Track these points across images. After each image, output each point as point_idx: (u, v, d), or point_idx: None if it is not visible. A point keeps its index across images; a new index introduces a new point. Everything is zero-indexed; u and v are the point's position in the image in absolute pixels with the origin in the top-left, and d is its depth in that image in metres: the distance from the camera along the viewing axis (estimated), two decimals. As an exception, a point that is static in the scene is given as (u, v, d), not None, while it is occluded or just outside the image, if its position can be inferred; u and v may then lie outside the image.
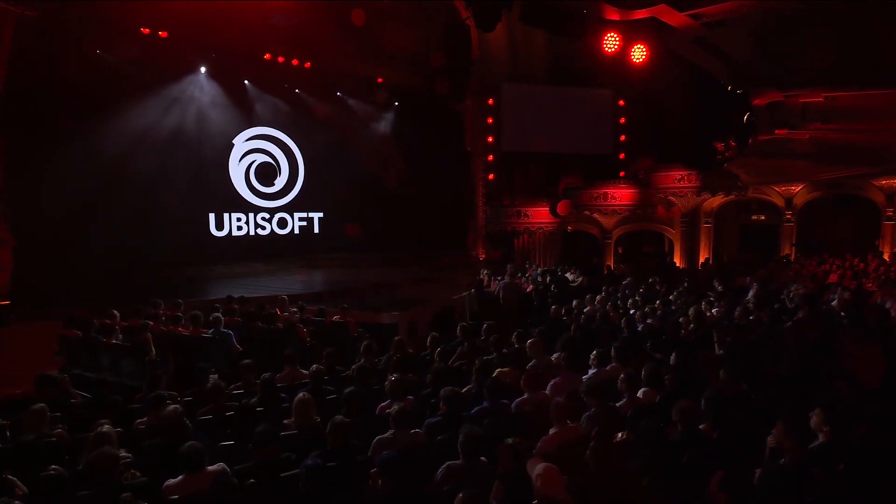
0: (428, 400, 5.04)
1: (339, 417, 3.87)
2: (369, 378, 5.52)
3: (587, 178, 17.52)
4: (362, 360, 6.45)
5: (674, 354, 5.14)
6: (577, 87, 17.75)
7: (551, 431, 3.86)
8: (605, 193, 16.85)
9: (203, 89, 15.16)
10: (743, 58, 11.82)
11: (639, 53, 12.58)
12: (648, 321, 7.86)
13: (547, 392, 4.94)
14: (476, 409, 4.54)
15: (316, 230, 17.97)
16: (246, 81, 16.26)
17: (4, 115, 11.53)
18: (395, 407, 4.10)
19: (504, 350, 6.50)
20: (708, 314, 8.04)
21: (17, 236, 11.89)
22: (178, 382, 7.15)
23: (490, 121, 17.97)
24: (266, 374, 5.28)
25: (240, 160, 16.42)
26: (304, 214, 17.79)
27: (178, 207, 14.87)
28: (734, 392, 4.34)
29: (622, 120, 18.08)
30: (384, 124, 19.20)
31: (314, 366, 5.53)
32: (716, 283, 9.98)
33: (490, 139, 17.99)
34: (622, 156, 18.17)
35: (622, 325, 7.55)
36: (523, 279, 14.98)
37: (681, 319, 7.28)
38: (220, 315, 8.02)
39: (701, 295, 9.81)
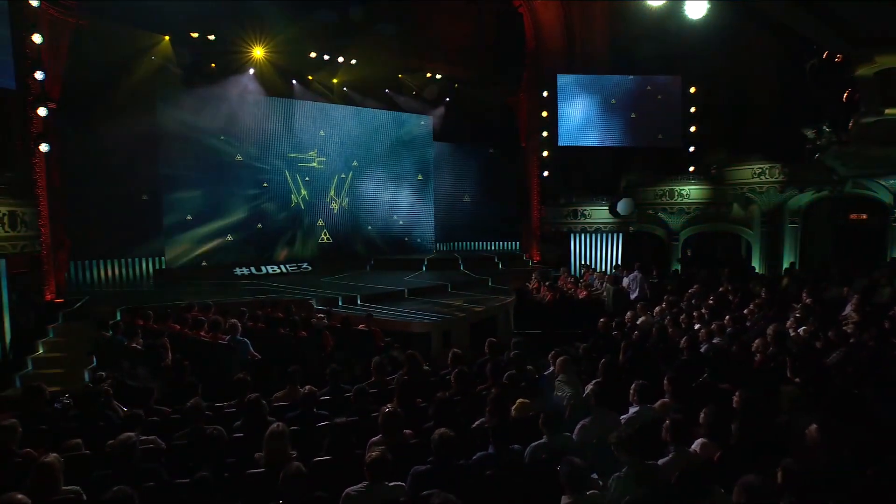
0: (429, 437, 4.23)
1: (295, 465, 3.17)
2: (369, 404, 4.79)
3: (652, 173, 15.99)
4: (372, 380, 5.77)
5: (739, 392, 3.99)
6: (642, 75, 16.26)
7: (564, 502, 2.94)
8: (672, 191, 15.29)
9: (250, 89, 15.15)
10: (842, 4, 9.16)
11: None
12: (715, 341, 6.63)
13: (573, 437, 3.99)
14: (478, 456, 3.68)
15: (360, 231, 17.63)
16: (294, 81, 16.14)
17: (62, 121, 11.94)
18: (375, 452, 3.33)
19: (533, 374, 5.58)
20: (792, 334, 6.66)
21: (72, 237, 12.30)
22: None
23: (545, 114, 16.86)
24: (252, 395, 4.68)
25: (292, 164, 16.40)
26: (350, 216, 17.48)
27: (229, 208, 14.99)
28: (831, 457, 3.15)
29: (693, 109, 16.37)
30: (434, 120, 18.55)
31: (307, 387, 4.87)
32: (804, 295, 8.42)
33: (545, 134, 16.89)
34: (692, 148, 16.46)
35: (682, 344, 6.36)
36: (581, 284, 13.86)
37: (756, 341, 5.99)
38: (237, 321, 7.63)
39: (784, 309, 8.34)
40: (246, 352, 7.35)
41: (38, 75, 10.73)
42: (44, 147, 10.90)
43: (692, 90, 16.26)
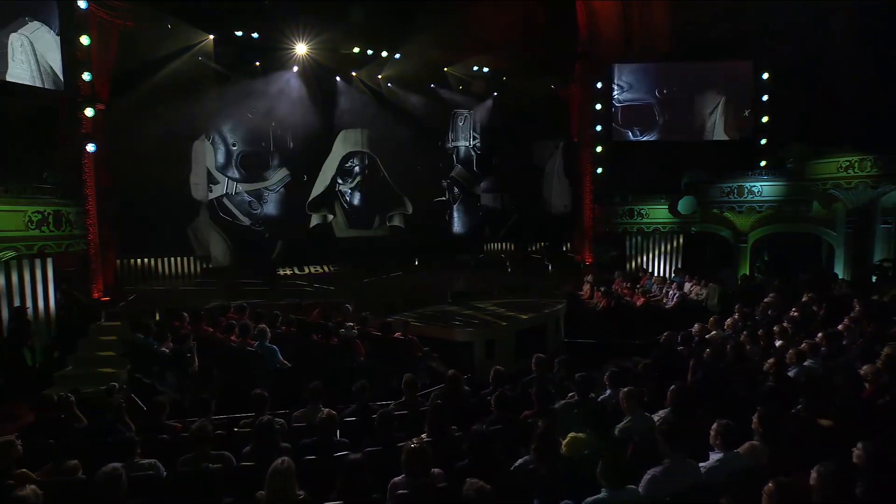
0: (464, 478, 3.55)
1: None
2: (395, 432, 4.16)
3: (717, 169, 14.67)
4: (402, 400, 5.16)
5: (861, 445, 3.07)
6: (707, 62, 14.94)
7: None
8: (741, 187, 13.92)
9: (293, 86, 14.99)
10: None
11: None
12: (807, 363, 5.60)
13: (640, 490, 3.21)
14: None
15: (407, 230, 17.19)
16: (337, 78, 15.87)
17: (111, 121, 12.08)
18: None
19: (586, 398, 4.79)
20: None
21: (120, 235, 12.44)
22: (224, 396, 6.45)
23: (599, 107, 15.83)
24: (264, 418, 4.16)
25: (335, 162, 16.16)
26: (393, 214, 17.07)
27: (272, 207, 14.91)
28: None
29: (765, 97, 14.88)
30: (481, 116, 17.87)
31: (326, 410, 4.30)
32: (910, 309, 7.15)
33: (599, 128, 15.87)
34: (764, 141, 14.97)
35: (766, 367, 5.38)
36: (638, 289, 12.79)
37: (865, 367, 4.94)
38: (266, 327, 7.21)
39: (885, 324, 7.10)
40: (275, 360, 6.92)
41: (86, 76, 10.86)
42: (90, 147, 11.02)
43: (765, 76, 14.78)
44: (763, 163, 14.59)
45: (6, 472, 3.83)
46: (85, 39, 10.75)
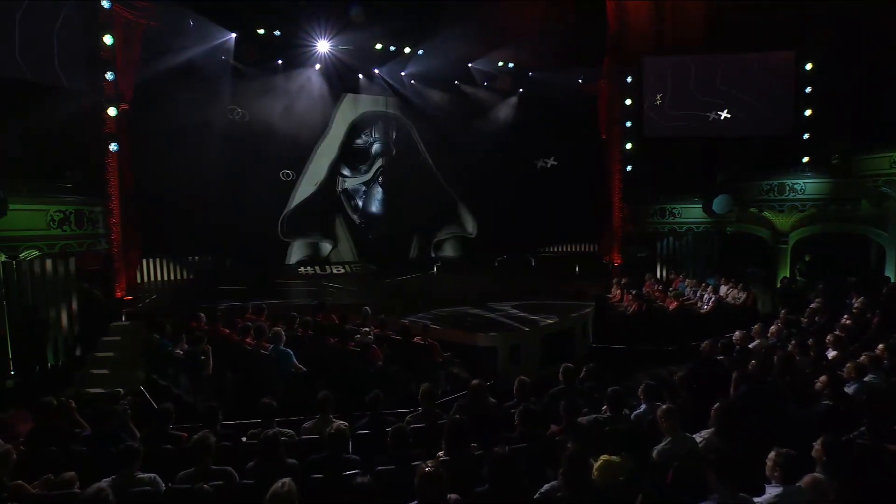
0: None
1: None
2: (409, 448, 3.83)
3: (756, 166, 13.92)
4: (419, 410, 4.82)
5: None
6: (746, 53, 14.20)
7: None
8: (782, 185, 13.17)
9: (315, 84, 14.83)
10: None
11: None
12: (868, 378, 5.06)
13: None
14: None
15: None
16: (360, 75, 15.65)
17: (135, 120, 12.08)
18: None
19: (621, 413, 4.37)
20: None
21: (144, 234, 12.44)
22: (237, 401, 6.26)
23: (629, 102, 15.23)
24: (269, 431, 3.87)
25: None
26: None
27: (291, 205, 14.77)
28: None
29: (808, 89, 14.06)
30: (507, 112, 17.44)
31: (336, 423, 3.99)
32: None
33: (629, 124, 15.26)
34: (807, 136, 14.16)
35: (819, 384, 4.86)
36: (671, 293, 12.19)
37: (936, 386, 4.41)
38: (281, 329, 6.98)
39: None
40: (289, 364, 6.67)
41: (109, 76, 10.84)
42: (113, 146, 11.01)
43: (808, 67, 13.96)
44: (806, 159, 13.79)
45: (1, 482, 3.64)
46: (108, 39, 10.74)
